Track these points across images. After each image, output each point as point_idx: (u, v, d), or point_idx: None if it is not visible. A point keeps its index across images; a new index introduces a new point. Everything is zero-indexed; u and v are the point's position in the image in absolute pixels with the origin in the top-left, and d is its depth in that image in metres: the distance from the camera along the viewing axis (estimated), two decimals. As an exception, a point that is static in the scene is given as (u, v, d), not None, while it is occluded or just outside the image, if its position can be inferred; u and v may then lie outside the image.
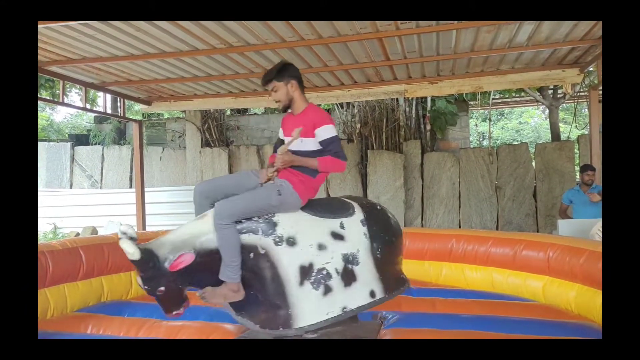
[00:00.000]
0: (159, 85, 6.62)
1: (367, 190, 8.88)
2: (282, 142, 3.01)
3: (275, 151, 3.00)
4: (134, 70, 5.82)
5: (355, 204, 3.05)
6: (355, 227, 2.92)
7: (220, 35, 4.59)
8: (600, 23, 4.55)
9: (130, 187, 10.08)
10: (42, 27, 4.10)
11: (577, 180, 6.22)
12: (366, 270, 2.89)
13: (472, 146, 11.17)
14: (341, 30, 4.53)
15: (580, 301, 3.43)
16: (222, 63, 5.55)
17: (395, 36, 4.66)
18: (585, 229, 5.00)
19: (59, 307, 3.56)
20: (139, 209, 7.50)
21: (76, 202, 10.14)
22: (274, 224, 2.73)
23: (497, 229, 8.43)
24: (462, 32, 4.71)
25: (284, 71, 2.88)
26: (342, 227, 2.88)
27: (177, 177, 10.25)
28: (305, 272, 2.73)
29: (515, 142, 15.49)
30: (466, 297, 3.91)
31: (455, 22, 4.32)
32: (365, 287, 2.87)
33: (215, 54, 5.14)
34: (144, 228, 7.46)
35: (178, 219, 9.52)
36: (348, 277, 2.82)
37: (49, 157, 10.83)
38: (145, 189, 7.97)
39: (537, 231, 8.16)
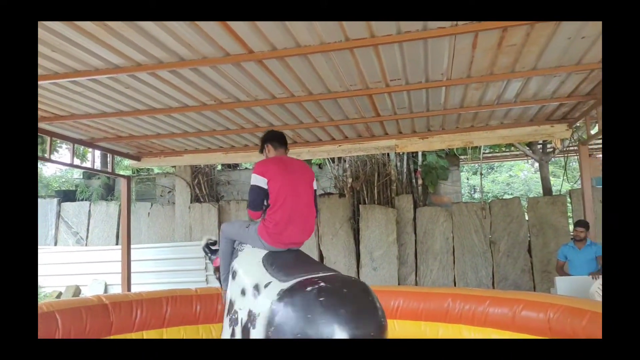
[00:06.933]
0: (149, 141, 6.57)
1: (359, 245, 8.71)
2: None
3: None
4: (123, 126, 5.78)
5: (300, 279, 2.58)
6: (271, 294, 2.59)
7: (210, 92, 4.58)
8: (586, 82, 4.61)
9: (117, 243, 9.83)
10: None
11: (572, 235, 6.13)
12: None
13: (463, 199, 11.12)
14: (331, 87, 4.54)
15: (585, 366, 3.24)
16: (212, 119, 5.53)
17: (385, 93, 4.68)
18: (584, 286, 4.86)
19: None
20: (124, 267, 7.25)
21: (60, 259, 9.84)
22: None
23: (493, 285, 8.23)
24: (451, 89, 4.73)
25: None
26: (265, 286, 2.69)
27: (165, 233, 10.04)
28: (230, 305, 3.07)
29: (506, 195, 15.53)
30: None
31: (445, 79, 4.35)
32: None
33: (205, 110, 5.12)
34: (129, 287, 7.19)
35: (165, 276, 9.24)
36: (245, 333, 2.77)
37: (35, 214, 10.62)
38: (132, 246, 7.75)
39: (534, 287, 7.98)
